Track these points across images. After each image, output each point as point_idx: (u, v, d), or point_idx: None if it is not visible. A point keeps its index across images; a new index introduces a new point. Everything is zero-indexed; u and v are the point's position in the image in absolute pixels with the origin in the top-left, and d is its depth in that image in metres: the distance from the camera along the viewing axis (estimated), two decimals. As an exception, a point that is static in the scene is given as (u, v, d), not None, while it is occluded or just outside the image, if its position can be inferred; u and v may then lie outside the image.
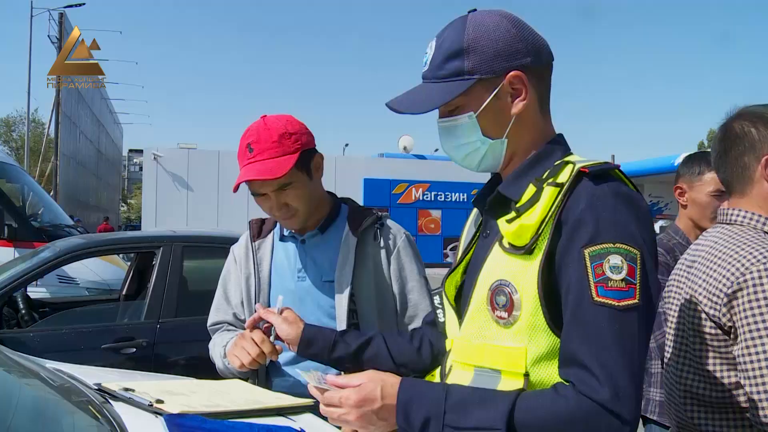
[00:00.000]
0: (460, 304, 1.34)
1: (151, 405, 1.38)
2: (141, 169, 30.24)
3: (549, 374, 1.15)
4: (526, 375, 1.15)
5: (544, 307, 1.14)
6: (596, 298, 1.09)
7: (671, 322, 1.75)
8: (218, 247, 4.96)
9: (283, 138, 1.82)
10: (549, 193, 1.17)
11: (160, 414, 1.36)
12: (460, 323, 1.31)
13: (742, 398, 1.51)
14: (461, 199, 23.21)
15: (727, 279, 1.48)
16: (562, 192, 1.16)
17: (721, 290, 1.49)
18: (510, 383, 1.17)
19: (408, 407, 1.17)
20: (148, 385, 1.55)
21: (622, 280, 1.09)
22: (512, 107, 1.26)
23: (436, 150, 23.12)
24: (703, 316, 1.56)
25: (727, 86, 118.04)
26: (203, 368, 4.12)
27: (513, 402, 1.10)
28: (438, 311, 1.45)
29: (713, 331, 1.53)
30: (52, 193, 23.77)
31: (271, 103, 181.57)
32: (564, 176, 1.18)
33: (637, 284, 1.10)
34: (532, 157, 1.28)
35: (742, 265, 1.47)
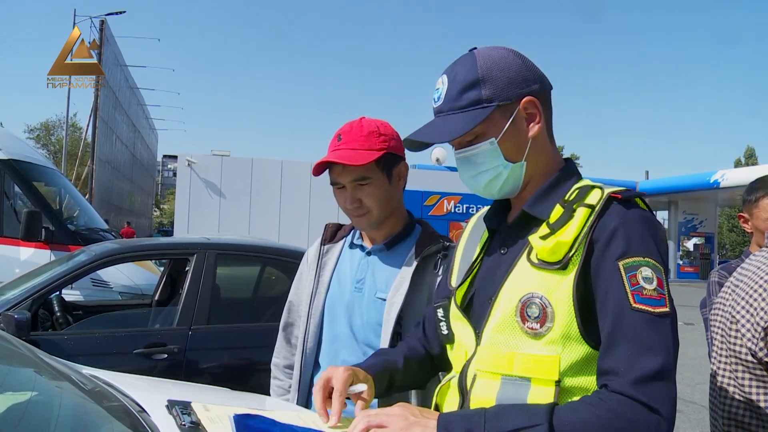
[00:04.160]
0: (471, 316, 1.40)
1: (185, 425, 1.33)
2: (175, 174, 30.57)
3: (579, 382, 1.22)
4: (558, 382, 1.21)
5: (579, 318, 1.21)
6: (634, 305, 1.18)
7: (717, 346, 1.70)
8: (251, 255, 5.01)
9: (372, 135, 1.88)
10: (582, 213, 1.26)
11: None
12: (478, 334, 1.34)
13: None
14: (492, 212, 23.02)
15: (765, 312, 1.44)
16: (594, 213, 1.25)
17: (758, 323, 1.45)
18: (540, 391, 1.22)
19: (448, 422, 1.19)
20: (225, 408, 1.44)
21: (654, 289, 1.18)
22: (528, 131, 1.37)
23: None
24: (743, 343, 1.52)
25: None
26: (234, 376, 4.17)
27: (553, 404, 1.16)
28: (441, 324, 1.50)
29: (754, 359, 1.49)
30: (87, 197, 24.20)
31: (305, 113, 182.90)
32: (593, 198, 1.28)
33: (666, 295, 1.20)
34: (552, 180, 1.39)
35: None
